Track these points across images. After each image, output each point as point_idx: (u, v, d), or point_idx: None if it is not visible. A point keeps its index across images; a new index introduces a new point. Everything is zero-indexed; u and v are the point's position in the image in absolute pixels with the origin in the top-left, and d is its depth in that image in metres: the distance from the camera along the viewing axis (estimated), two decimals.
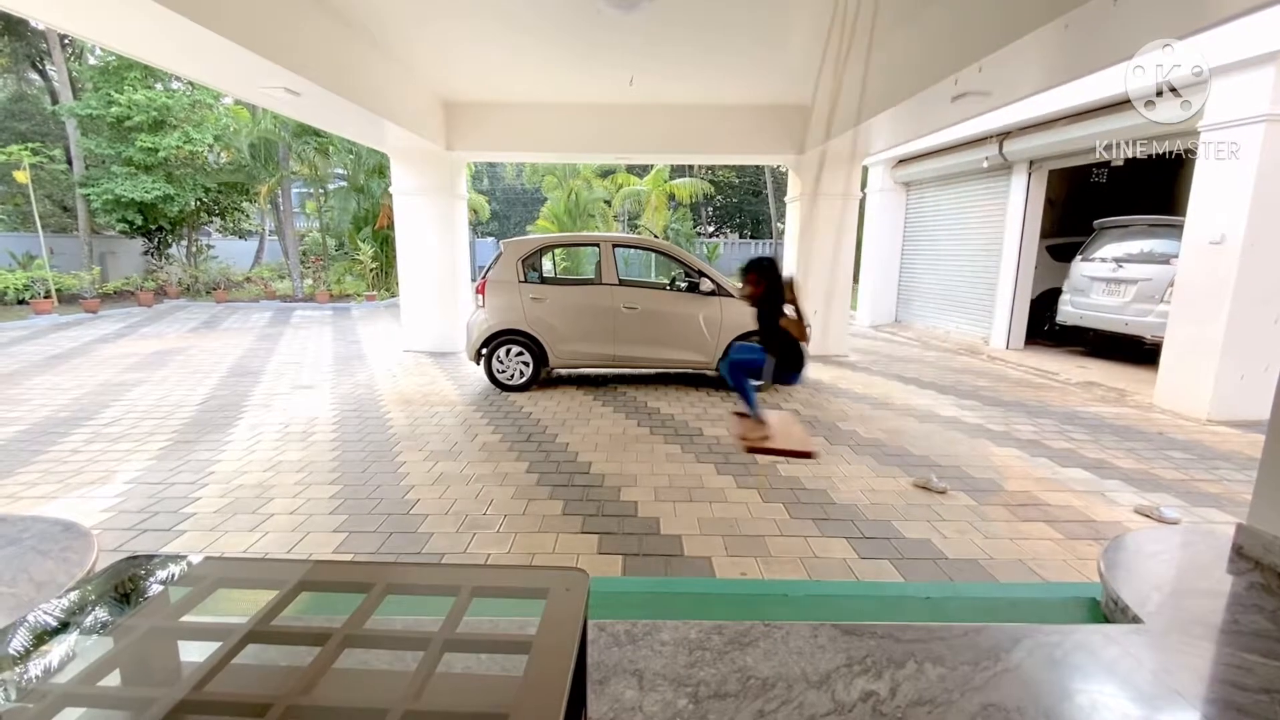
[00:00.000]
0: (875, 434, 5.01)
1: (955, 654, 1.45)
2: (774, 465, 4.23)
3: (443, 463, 4.26)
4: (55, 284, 13.35)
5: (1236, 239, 5.27)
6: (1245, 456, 4.51)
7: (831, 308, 8.62)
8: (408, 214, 8.53)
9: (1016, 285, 8.91)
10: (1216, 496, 3.80)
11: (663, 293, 6.63)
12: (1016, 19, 3.67)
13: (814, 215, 8.52)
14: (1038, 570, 2.87)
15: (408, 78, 6.69)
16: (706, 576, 2.79)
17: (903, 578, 2.80)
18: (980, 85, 4.64)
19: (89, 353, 8.55)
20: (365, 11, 5.03)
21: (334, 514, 3.45)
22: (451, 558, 2.94)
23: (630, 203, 21.27)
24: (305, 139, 15.25)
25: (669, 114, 8.04)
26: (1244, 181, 5.23)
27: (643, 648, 1.46)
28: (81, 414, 5.47)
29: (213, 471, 4.10)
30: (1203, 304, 5.52)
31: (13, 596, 1.71)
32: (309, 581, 1.07)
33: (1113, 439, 4.92)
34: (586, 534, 3.20)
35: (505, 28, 5.39)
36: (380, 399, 6.08)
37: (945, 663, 1.41)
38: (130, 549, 3.05)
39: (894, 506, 3.58)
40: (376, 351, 8.82)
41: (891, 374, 7.49)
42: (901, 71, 5.23)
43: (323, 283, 16.75)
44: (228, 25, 3.73)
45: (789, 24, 5.26)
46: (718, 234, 30.87)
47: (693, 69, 6.47)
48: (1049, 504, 3.64)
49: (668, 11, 4.79)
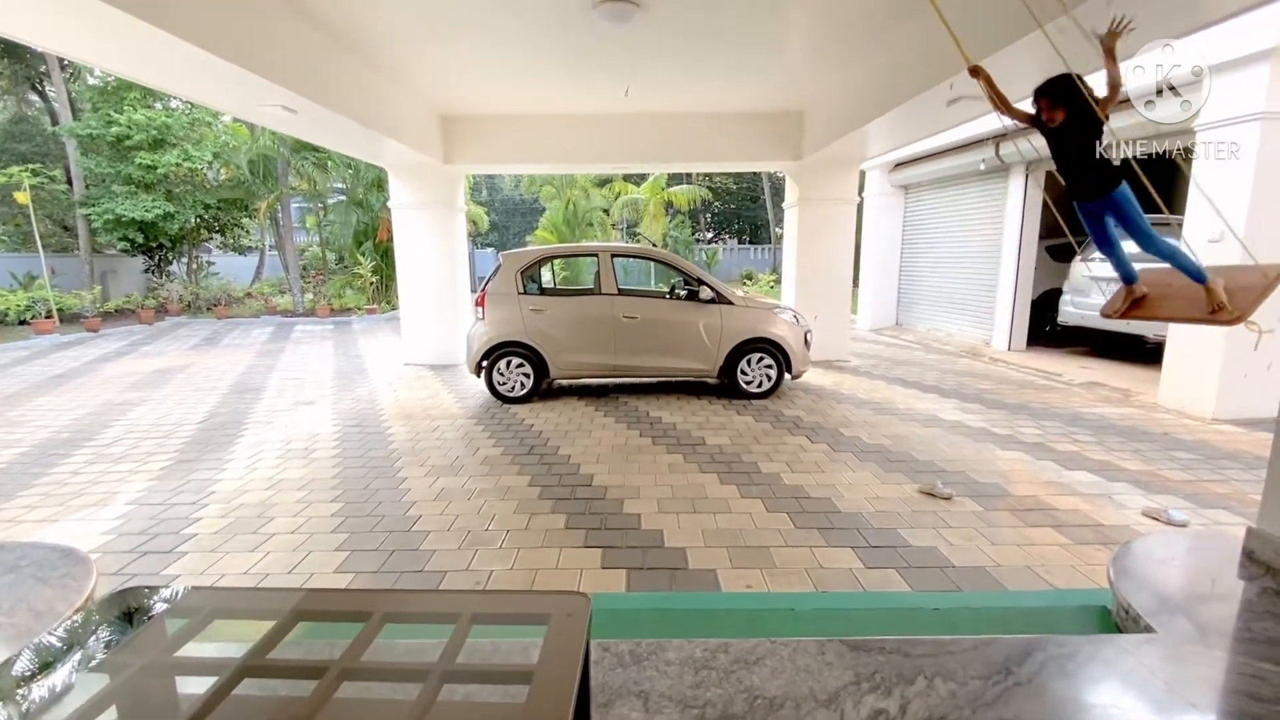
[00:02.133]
0: (879, 440, 4.99)
1: (965, 668, 1.42)
2: (778, 475, 4.21)
3: (444, 478, 4.25)
4: (57, 304, 13.39)
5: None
6: (1252, 456, 4.48)
7: (832, 312, 8.62)
8: (407, 228, 8.55)
9: (1017, 287, 8.90)
10: (1224, 497, 3.77)
11: (662, 301, 6.62)
12: (1010, 24, 3.68)
13: (812, 221, 8.52)
14: (1046, 577, 2.84)
15: (404, 92, 6.72)
16: (711, 590, 2.76)
17: (910, 587, 2.78)
18: (975, 90, 4.65)
19: (90, 372, 8.55)
20: (362, 30, 5.05)
21: (336, 532, 3.43)
22: (454, 575, 2.92)
23: (628, 211, 21.33)
24: (304, 154, 15.33)
25: (665, 123, 8.07)
26: (1241, 179, 5.22)
27: (648, 668, 1.44)
28: (82, 435, 5.46)
29: (214, 491, 4.08)
30: None
31: (12, 626, 1.69)
32: (305, 611, 1.05)
33: (1118, 440, 4.89)
34: (590, 548, 3.17)
35: (501, 45, 5.42)
36: (381, 414, 6.07)
37: (955, 678, 1.39)
38: (131, 572, 3.03)
39: (899, 514, 3.55)
40: (377, 365, 8.82)
41: (893, 378, 7.47)
42: (896, 77, 5.25)
43: (323, 297, 16.79)
44: (223, 45, 3.75)
45: (783, 31, 5.28)
46: (716, 240, 30.93)
47: (688, 78, 6.49)
48: (1056, 508, 3.62)
49: (661, 22, 4.81)
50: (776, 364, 6.44)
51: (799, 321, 6.64)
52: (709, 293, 6.47)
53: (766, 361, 6.44)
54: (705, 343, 6.40)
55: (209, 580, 2.92)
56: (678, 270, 6.73)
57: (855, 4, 4.70)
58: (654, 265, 15.48)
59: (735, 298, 6.53)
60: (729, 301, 6.45)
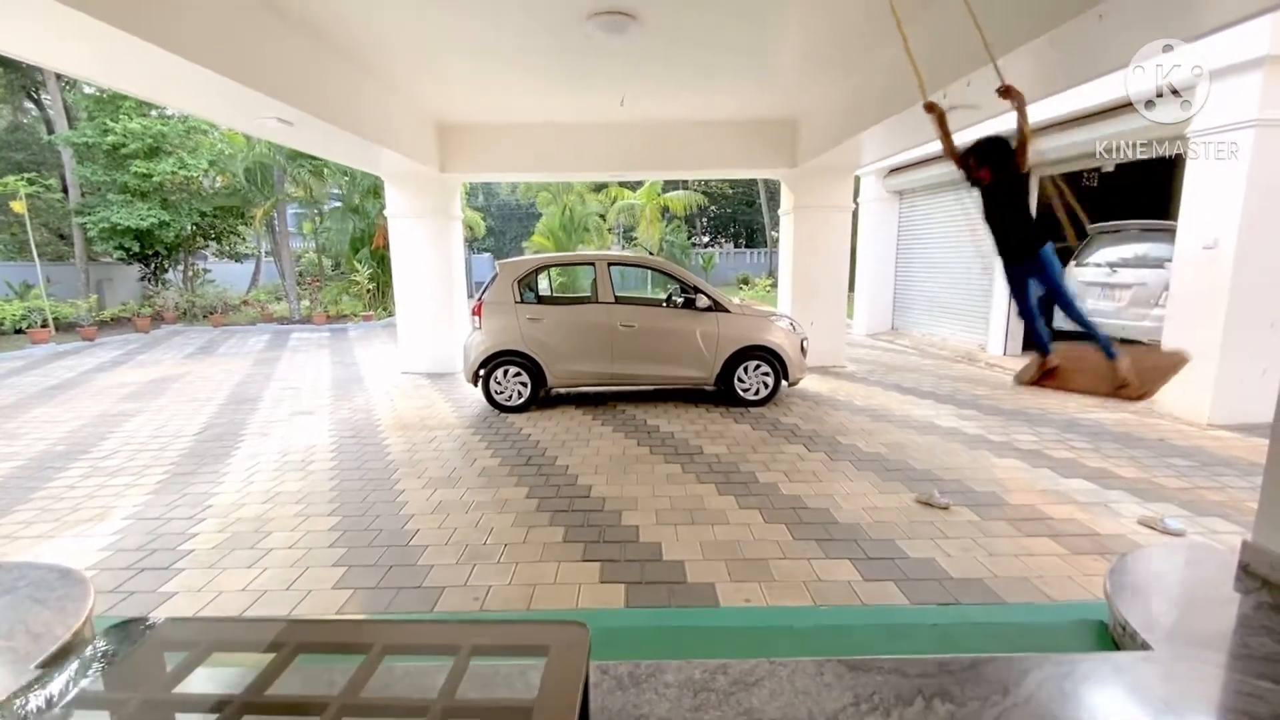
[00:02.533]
0: (876, 448, 5.00)
1: (963, 689, 1.42)
2: (775, 485, 4.21)
3: (441, 490, 4.24)
4: (52, 313, 13.34)
5: (1230, 243, 5.29)
6: (1248, 463, 4.50)
7: (828, 318, 8.64)
8: (403, 237, 8.56)
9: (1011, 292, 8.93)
10: (1220, 505, 3.79)
11: (659, 310, 6.64)
12: (1004, 35, 3.71)
13: (808, 227, 8.55)
14: (1043, 589, 2.85)
15: (400, 102, 6.73)
16: (710, 604, 2.76)
17: (908, 600, 2.78)
18: (969, 99, 4.69)
19: (86, 383, 8.53)
20: (357, 42, 5.07)
21: (333, 547, 3.42)
22: (452, 591, 2.91)
23: (624, 216, 21.37)
24: (300, 162, 15.33)
25: (661, 131, 8.11)
26: (1235, 186, 5.26)
27: (646, 691, 1.43)
28: (78, 447, 5.44)
29: (210, 505, 4.07)
30: (1198, 308, 5.54)
31: (10, 650, 1.69)
32: (305, 644, 1.05)
33: (1114, 447, 4.91)
34: (588, 562, 3.17)
35: (496, 57, 5.44)
36: (378, 424, 6.06)
37: (953, 698, 1.39)
38: (128, 589, 3.02)
39: (897, 524, 3.56)
40: (374, 374, 8.81)
41: (890, 384, 7.49)
42: (889, 87, 5.28)
43: (319, 304, 16.77)
44: (217, 60, 3.75)
45: (776, 42, 5.31)
46: (712, 244, 31.01)
47: (682, 87, 6.52)
48: (1052, 517, 3.63)
49: (655, 33, 4.84)
50: (773, 371, 6.46)
51: (795, 329, 6.66)
52: (706, 300, 6.49)
53: (763, 369, 6.45)
54: (702, 351, 6.42)
55: (206, 598, 2.91)
56: (674, 278, 6.75)
57: (848, 18, 4.74)
58: (650, 272, 15.50)
59: (732, 305, 6.54)
60: (725, 309, 6.47)
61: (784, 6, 4.56)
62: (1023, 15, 3.57)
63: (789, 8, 4.61)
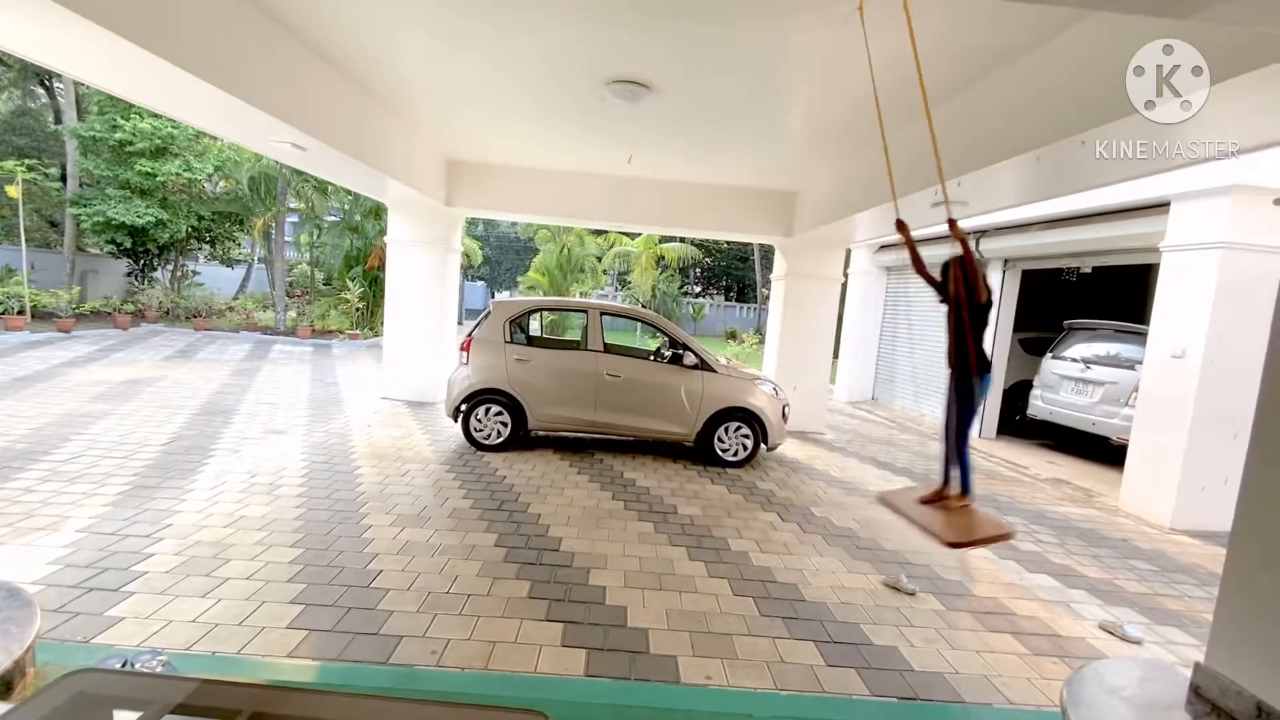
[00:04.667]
0: (848, 523, 5.03)
1: None
2: (747, 554, 4.21)
3: (410, 529, 4.18)
4: (32, 300, 13.11)
5: (1197, 355, 5.51)
6: (1206, 571, 4.59)
7: (811, 385, 8.77)
8: (401, 263, 8.62)
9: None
10: (1178, 615, 3.84)
11: (647, 363, 6.70)
12: (994, 147, 3.95)
13: (798, 295, 8.76)
14: (1002, 690, 2.86)
15: (412, 136, 6.89)
16: (671, 679, 2.73)
17: (868, 690, 2.77)
18: (959, 196, 4.93)
19: (56, 377, 8.34)
20: (379, 79, 5.22)
21: (292, 581, 3.34)
22: (410, 642, 2.85)
23: (620, 261, 21.70)
24: (305, 177, 15.49)
25: (664, 189, 8.35)
26: (1204, 301, 5.52)
27: None
28: (39, 447, 5.29)
29: (170, 524, 3.97)
30: (1165, 414, 5.72)
31: None
32: (264, 714, 1.04)
33: (1079, 543, 4.99)
34: (551, 622, 3.12)
35: (514, 110, 5.63)
36: (352, 451, 5.98)
37: None
38: (72, 609, 2.91)
39: (863, 607, 3.56)
40: (353, 396, 8.73)
41: (866, 456, 7.57)
42: (876, 181, 5.54)
43: (306, 317, 16.66)
44: (238, 84, 3.83)
45: (781, 124, 5.57)
46: (704, 295, 31.46)
47: (690, 153, 6.77)
48: (1015, 613, 3.66)
49: (668, 103, 5.05)
50: (754, 434, 6.51)
51: (778, 394, 6.75)
52: (693, 358, 6.58)
53: (744, 431, 6.50)
54: (685, 407, 6.47)
55: (153, 627, 2.81)
56: (665, 333, 6.84)
57: (849, 113, 5.00)
58: (639, 323, 15.66)
59: (718, 365, 6.63)
60: (712, 369, 6.56)
61: (789, 93, 4.81)
62: (1014, 129, 3.81)
63: (794, 96, 4.86)
